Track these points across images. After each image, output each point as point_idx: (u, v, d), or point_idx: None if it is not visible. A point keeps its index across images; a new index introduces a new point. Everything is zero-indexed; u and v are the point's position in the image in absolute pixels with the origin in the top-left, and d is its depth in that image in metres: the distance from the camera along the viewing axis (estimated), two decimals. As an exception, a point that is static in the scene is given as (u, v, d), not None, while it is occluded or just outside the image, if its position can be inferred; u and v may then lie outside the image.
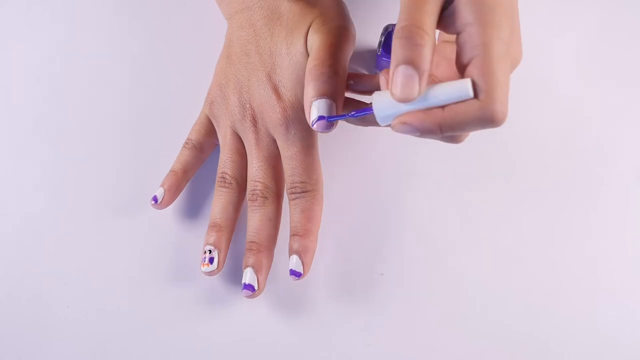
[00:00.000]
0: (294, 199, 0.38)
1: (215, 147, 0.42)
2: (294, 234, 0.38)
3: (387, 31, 0.42)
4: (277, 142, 0.39)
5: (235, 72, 0.39)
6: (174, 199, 0.40)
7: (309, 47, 0.36)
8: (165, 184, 0.40)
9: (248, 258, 0.38)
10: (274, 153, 0.39)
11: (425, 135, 0.29)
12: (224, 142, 0.40)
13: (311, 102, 0.33)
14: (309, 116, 0.34)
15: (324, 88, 0.33)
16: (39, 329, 0.39)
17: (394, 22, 0.41)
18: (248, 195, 0.39)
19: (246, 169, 0.40)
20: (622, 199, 0.42)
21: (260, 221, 0.38)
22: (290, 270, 0.37)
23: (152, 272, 0.40)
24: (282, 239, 0.39)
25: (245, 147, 0.40)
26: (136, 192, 0.41)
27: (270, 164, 0.39)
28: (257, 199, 0.38)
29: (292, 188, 0.38)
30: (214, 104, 0.41)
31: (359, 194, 0.42)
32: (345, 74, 0.35)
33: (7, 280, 0.40)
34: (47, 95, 0.45)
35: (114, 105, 0.44)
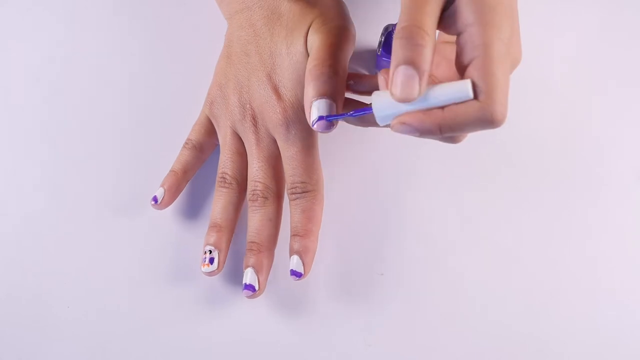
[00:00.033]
0: (294, 199, 0.38)
1: (215, 147, 0.42)
2: (294, 234, 0.38)
3: (387, 31, 0.42)
4: (278, 142, 0.39)
5: (235, 72, 0.39)
6: (174, 199, 0.40)
7: (309, 47, 0.36)
8: (165, 184, 0.40)
9: (249, 258, 0.38)
10: (274, 153, 0.39)
11: (424, 135, 0.29)
12: (224, 142, 0.40)
13: (311, 102, 0.33)
14: (309, 116, 0.34)
15: (324, 88, 0.33)
16: (39, 329, 0.39)
17: (394, 22, 0.41)
18: (248, 196, 0.39)
19: (246, 169, 0.40)
20: (622, 199, 0.42)
21: (260, 221, 0.38)
22: (291, 270, 0.37)
23: (152, 272, 0.40)
24: (282, 239, 0.39)
25: (246, 147, 0.40)
26: (136, 192, 0.41)
27: (271, 164, 0.39)
28: (257, 199, 0.38)
29: (292, 188, 0.38)
30: (214, 104, 0.41)
31: (359, 194, 0.42)
32: (345, 74, 0.35)
33: (7, 280, 0.40)
34: (47, 95, 0.45)
35: (114, 105, 0.44)
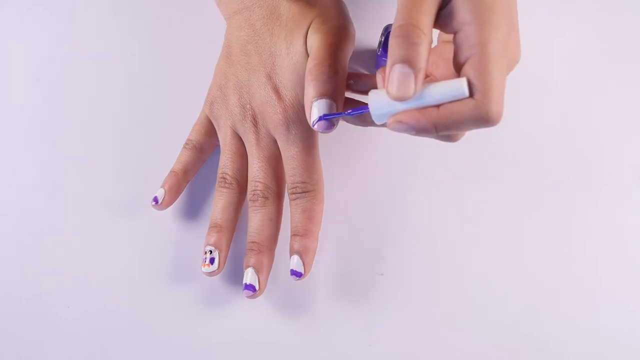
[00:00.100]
0: (294, 199, 0.38)
1: (215, 148, 0.42)
2: (294, 234, 0.38)
3: (387, 31, 0.42)
4: (278, 143, 0.39)
5: (235, 73, 0.39)
6: (175, 199, 0.40)
7: (308, 47, 0.36)
8: (166, 185, 0.40)
9: (249, 258, 0.38)
10: (274, 153, 0.39)
11: (420, 134, 0.29)
12: (224, 142, 0.40)
13: (312, 103, 0.33)
14: (310, 116, 0.34)
15: (324, 88, 0.33)
16: (39, 329, 0.39)
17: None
18: (249, 196, 0.39)
19: (247, 169, 0.40)
20: (622, 199, 0.42)
21: (261, 221, 0.38)
22: (291, 270, 0.37)
23: (152, 272, 0.40)
24: (282, 239, 0.39)
25: (246, 148, 0.40)
26: (136, 192, 0.41)
27: (271, 164, 0.39)
28: (257, 199, 0.38)
29: (293, 188, 0.38)
30: (214, 104, 0.41)
31: (359, 194, 0.42)
32: (345, 74, 0.35)
33: (7, 280, 0.40)
34: (47, 95, 0.45)
35: (114, 105, 0.44)
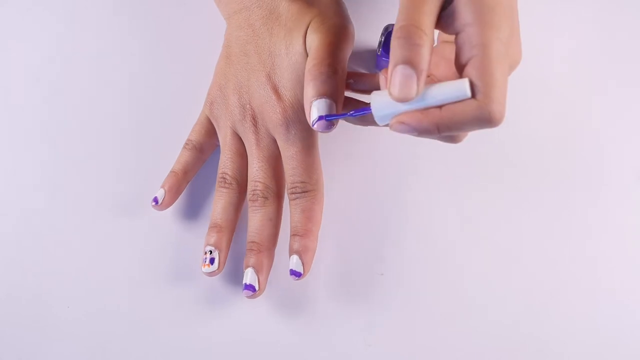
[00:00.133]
0: (294, 199, 0.38)
1: (215, 148, 0.42)
2: (294, 234, 0.38)
3: (387, 31, 0.42)
4: (278, 142, 0.39)
5: (235, 73, 0.39)
6: (175, 200, 0.40)
7: (307, 47, 0.36)
8: (166, 185, 0.40)
9: (249, 258, 0.38)
10: (274, 153, 0.39)
11: (422, 135, 0.29)
12: (224, 142, 0.40)
13: (311, 102, 0.33)
14: (309, 116, 0.34)
15: (324, 87, 0.33)
16: (39, 329, 0.39)
17: (394, 22, 0.41)
18: (248, 196, 0.39)
19: (246, 169, 0.40)
20: (622, 199, 0.42)
21: (260, 221, 0.38)
22: (291, 270, 0.37)
23: (152, 272, 0.40)
24: (282, 239, 0.39)
25: (246, 148, 0.40)
26: (136, 192, 0.41)
27: (271, 164, 0.39)
28: (257, 199, 0.38)
29: (292, 188, 0.38)
30: (214, 104, 0.41)
31: (359, 194, 0.42)
32: (344, 73, 0.35)
33: (7, 280, 0.40)
34: (47, 95, 0.45)
35: (114, 105, 0.44)
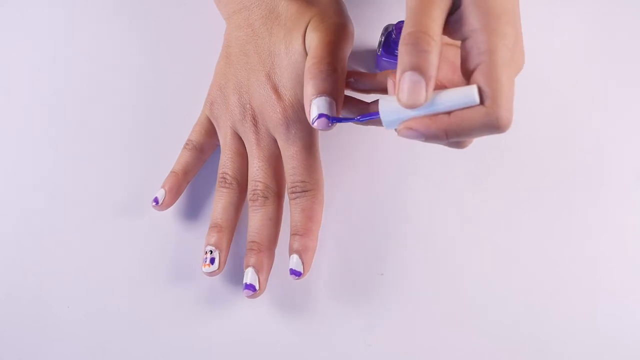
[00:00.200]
0: (294, 199, 0.38)
1: (215, 148, 0.42)
2: (294, 234, 0.38)
3: (387, 31, 0.42)
4: (278, 142, 0.39)
5: (235, 73, 0.39)
6: (175, 200, 0.40)
7: (307, 46, 0.36)
8: (166, 186, 0.40)
9: (249, 258, 0.38)
10: (274, 153, 0.39)
11: (430, 140, 0.29)
12: (224, 142, 0.40)
13: (311, 101, 0.33)
14: (309, 114, 0.34)
15: (323, 86, 0.33)
16: (39, 329, 0.39)
17: (394, 22, 0.41)
18: (249, 195, 0.39)
19: (247, 169, 0.40)
20: (622, 199, 0.42)
21: (261, 221, 0.38)
22: (291, 269, 0.37)
23: (152, 272, 0.40)
24: (282, 239, 0.39)
25: (246, 147, 0.40)
26: (137, 192, 0.41)
27: (271, 164, 0.39)
28: (257, 199, 0.38)
29: (292, 187, 0.38)
30: (214, 104, 0.41)
31: (359, 194, 0.42)
32: (344, 72, 0.35)
33: (7, 280, 0.40)
34: (47, 95, 0.45)
35: (114, 106, 0.44)
